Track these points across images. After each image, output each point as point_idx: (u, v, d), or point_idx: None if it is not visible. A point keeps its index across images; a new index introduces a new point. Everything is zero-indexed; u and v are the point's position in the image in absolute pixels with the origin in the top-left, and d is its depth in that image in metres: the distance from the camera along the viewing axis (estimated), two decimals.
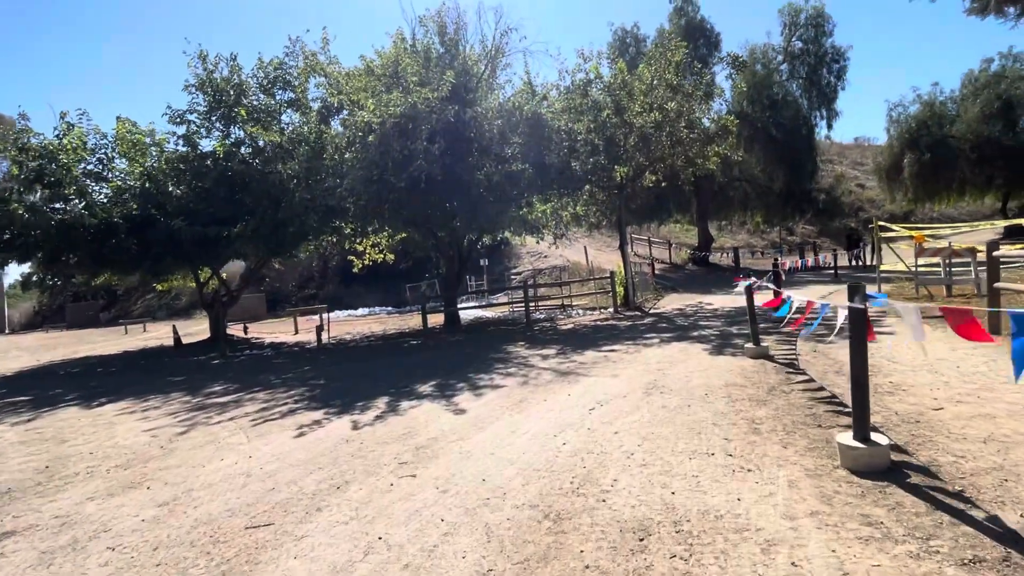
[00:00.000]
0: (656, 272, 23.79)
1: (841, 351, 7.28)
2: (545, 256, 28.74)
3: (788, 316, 5.29)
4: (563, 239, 18.83)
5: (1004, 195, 34.57)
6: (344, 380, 9.04)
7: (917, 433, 4.04)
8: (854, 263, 25.91)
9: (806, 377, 6.03)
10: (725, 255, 31.91)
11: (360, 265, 20.20)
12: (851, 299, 3.46)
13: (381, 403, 6.86)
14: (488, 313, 19.70)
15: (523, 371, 8.19)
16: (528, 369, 8.29)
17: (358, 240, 18.53)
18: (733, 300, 15.56)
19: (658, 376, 6.83)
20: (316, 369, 10.66)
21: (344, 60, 15.70)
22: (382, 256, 19.79)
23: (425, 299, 16.71)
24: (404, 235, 18.01)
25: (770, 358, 7.24)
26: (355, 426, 5.92)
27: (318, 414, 6.64)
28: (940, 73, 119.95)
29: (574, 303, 19.08)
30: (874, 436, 3.54)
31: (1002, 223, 24.98)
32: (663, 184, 18.07)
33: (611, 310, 15.89)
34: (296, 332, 19.71)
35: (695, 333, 10.30)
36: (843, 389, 5.41)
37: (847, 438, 3.57)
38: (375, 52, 15.08)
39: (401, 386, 7.86)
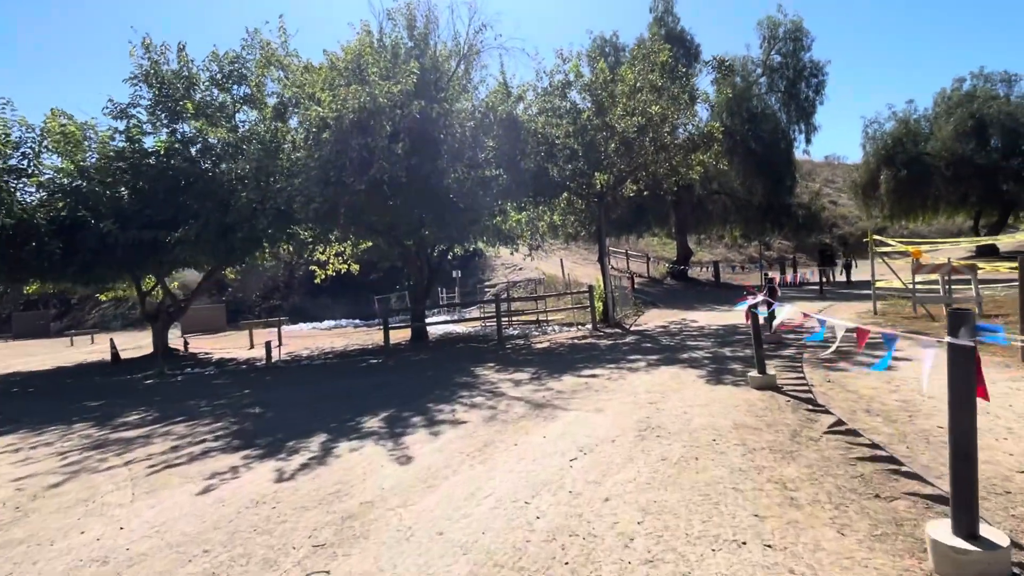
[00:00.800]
0: (635, 286, 22.87)
1: (860, 381, 6.29)
2: (520, 268, 27.68)
3: (835, 347, 4.26)
4: (539, 251, 17.77)
5: (976, 213, 34.82)
6: (283, 409, 7.74)
7: (1017, 513, 2.99)
8: (824, 279, 25.44)
9: (831, 417, 4.98)
10: (704, 269, 31.27)
11: (322, 275, 18.87)
12: (953, 333, 2.40)
13: (315, 444, 5.60)
14: (459, 328, 18.47)
15: (491, 401, 7.01)
16: (497, 399, 7.11)
17: (320, 248, 17.21)
18: (719, 317, 14.64)
19: (651, 412, 5.72)
20: (256, 393, 9.31)
21: (309, 58, 14.41)
22: (346, 266, 18.49)
23: (388, 313, 15.40)
24: (369, 244, 16.76)
25: (778, 389, 6.20)
26: (277, 477, 4.68)
27: (236, 458, 5.37)
28: (911, 91, 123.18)
29: (550, 318, 18.00)
30: (985, 530, 2.46)
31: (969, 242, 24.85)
32: (645, 193, 17.18)
33: (589, 327, 14.81)
34: (252, 347, 18.17)
35: (685, 355, 9.26)
36: (884, 436, 4.37)
37: (944, 532, 2.48)
38: (340, 47, 13.92)
39: (345, 419, 6.61)
